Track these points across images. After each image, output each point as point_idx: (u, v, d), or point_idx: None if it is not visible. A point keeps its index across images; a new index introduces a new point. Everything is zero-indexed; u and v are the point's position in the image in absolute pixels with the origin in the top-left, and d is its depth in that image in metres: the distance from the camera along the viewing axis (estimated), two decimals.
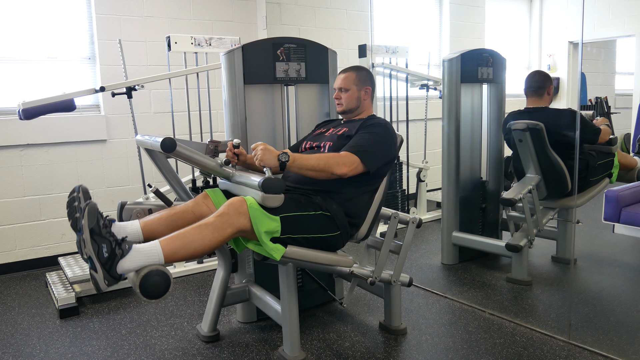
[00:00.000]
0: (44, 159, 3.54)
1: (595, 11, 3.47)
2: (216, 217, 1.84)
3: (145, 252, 1.73)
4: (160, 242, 1.76)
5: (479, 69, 3.25)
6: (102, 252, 1.67)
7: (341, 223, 2.09)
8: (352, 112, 2.35)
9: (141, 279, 1.67)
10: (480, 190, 3.42)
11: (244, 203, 1.87)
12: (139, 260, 1.71)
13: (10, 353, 2.37)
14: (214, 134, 3.78)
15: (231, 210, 1.84)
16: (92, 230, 1.68)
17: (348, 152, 2.09)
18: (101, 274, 1.67)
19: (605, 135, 3.05)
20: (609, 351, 2.19)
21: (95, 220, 1.69)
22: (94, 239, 1.67)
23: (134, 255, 1.71)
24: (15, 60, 3.48)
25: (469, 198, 3.37)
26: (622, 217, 2.83)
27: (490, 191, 3.44)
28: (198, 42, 3.30)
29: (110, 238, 1.70)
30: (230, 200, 1.89)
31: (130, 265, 1.70)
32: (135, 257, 1.71)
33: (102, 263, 1.67)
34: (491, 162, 3.44)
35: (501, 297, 2.85)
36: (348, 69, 2.36)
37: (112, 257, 1.68)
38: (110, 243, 1.69)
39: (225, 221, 1.83)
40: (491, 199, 3.44)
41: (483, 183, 3.42)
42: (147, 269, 1.69)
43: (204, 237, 1.81)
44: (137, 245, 1.74)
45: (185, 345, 2.39)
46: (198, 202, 2.11)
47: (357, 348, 2.32)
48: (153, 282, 1.68)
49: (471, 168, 3.39)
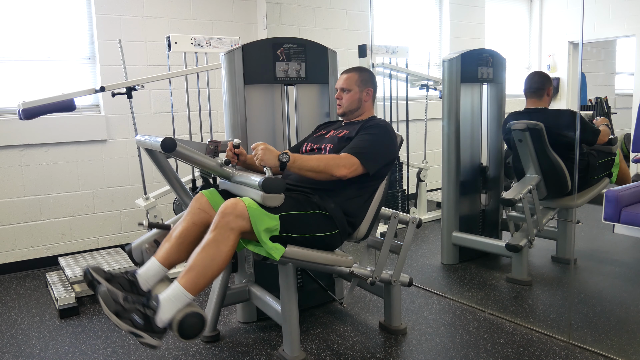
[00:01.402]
0: (44, 159, 3.54)
1: (595, 11, 3.47)
2: (214, 231, 1.83)
3: (172, 298, 1.77)
4: (179, 282, 1.79)
5: (479, 69, 3.25)
6: (137, 322, 1.73)
7: (339, 222, 2.09)
8: (353, 114, 2.35)
9: (178, 327, 1.74)
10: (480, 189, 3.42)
11: (237, 205, 1.85)
12: (171, 309, 1.75)
13: (10, 353, 2.37)
14: (214, 134, 3.79)
15: (226, 217, 1.83)
16: (117, 313, 1.73)
17: (348, 153, 2.09)
18: (147, 336, 1.74)
19: (605, 136, 3.05)
20: (609, 351, 2.19)
21: (114, 302, 1.75)
22: (122, 317, 1.73)
23: (164, 307, 1.75)
24: (15, 60, 3.48)
25: (469, 198, 3.37)
26: (622, 217, 2.83)
27: (490, 190, 3.44)
28: (198, 42, 3.30)
29: (136, 306, 1.75)
30: (222, 207, 1.86)
31: (166, 316, 1.75)
32: (167, 308, 1.75)
33: (143, 329, 1.73)
34: (491, 162, 3.43)
35: (501, 297, 2.85)
36: (351, 70, 2.36)
37: (146, 319, 1.73)
38: (138, 310, 1.75)
39: (224, 229, 1.82)
40: (491, 198, 3.44)
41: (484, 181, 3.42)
42: (181, 314, 1.75)
43: (213, 257, 1.82)
44: (162, 296, 1.77)
45: (185, 345, 2.39)
46: (194, 212, 2.06)
47: (357, 348, 2.32)
48: (189, 324, 1.75)
49: (471, 168, 3.38)
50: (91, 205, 3.73)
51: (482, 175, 3.41)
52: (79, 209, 3.70)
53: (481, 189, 3.42)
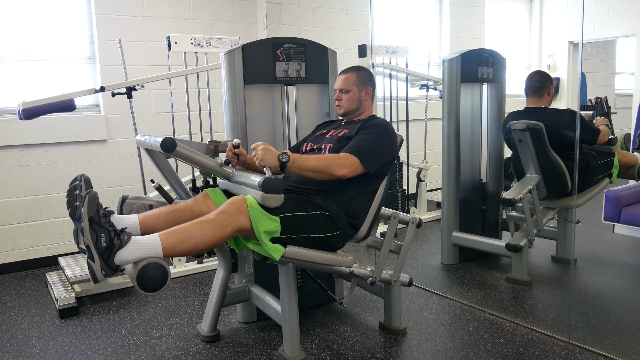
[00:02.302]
0: (44, 159, 3.54)
1: (595, 11, 3.46)
2: (217, 215, 1.84)
3: (144, 244, 1.73)
4: (159, 235, 1.76)
5: (479, 69, 3.25)
6: (101, 241, 1.66)
7: (341, 223, 2.09)
8: (353, 114, 2.35)
9: (139, 271, 1.67)
10: (480, 190, 3.42)
11: (244, 202, 1.87)
12: (137, 252, 1.70)
13: (10, 353, 2.37)
14: (214, 134, 3.78)
15: (232, 209, 1.85)
16: (91, 219, 1.67)
17: (348, 153, 2.09)
18: (98, 263, 1.66)
19: (605, 136, 3.05)
20: (609, 351, 2.19)
21: (95, 209, 1.69)
22: (92, 227, 1.66)
23: (132, 246, 1.70)
24: (15, 60, 3.48)
25: (468, 198, 3.37)
26: (622, 217, 2.83)
27: (490, 191, 3.44)
28: (198, 42, 3.30)
29: (109, 228, 1.69)
30: (232, 198, 1.90)
31: (128, 256, 1.69)
32: (134, 248, 1.70)
33: (100, 253, 1.66)
34: (491, 162, 3.43)
35: (501, 297, 2.85)
36: (348, 70, 2.35)
37: (110, 247, 1.67)
38: (109, 233, 1.68)
39: (226, 219, 1.83)
40: (491, 198, 3.44)
41: (483, 183, 3.42)
42: (145, 261, 1.69)
43: (203, 233, 1.81)
44: (136, 237, 1.74)
45: (185, 345, 2.39)
46: (198, 201, 2.11)
47: (357, 348, 2.32)
48: (150, 274, 1.68)
49: (471, 168, 3.39)
50: None
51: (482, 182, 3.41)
52: None
53: (481, 189, 3.42)
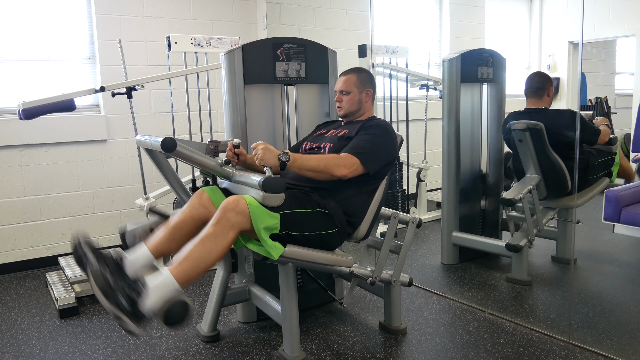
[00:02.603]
0: (44, 159, 3.54)
1: (595, 11, 3.47)
2: (215, 225, 1.82)
3: (160, 285, 1.75)
4: (170, 271, 1.77)
5: (479, 69, 3.25)
6: (122, 304, 1.70)
7: (339, 221, 2.09)
8: (353, 115, 2.36)
9: (163, 317, 1.73)
10: (480, 189, 3.42)
11: (239, 202, 1.85)
12: (157, 296, 1.73)
13: (10, 353, 2.37)
14: (214, 134, 3.79)
15: (227, 213, 1.83)
16: (104, 292, 1.71)
17: (348, 153, 2.09)
18: (129, 322, 1.71)
19: (605, 136, 3.05)
20: (609, 351, 2.19)
21: (103, 281, 1.72)
22: (109, 297, 1.71)
23: (151, 293, 1.73)
24: (15, 60, 3.48)
25: (469, 198, 3.37)
26: (622, 217, 2.83)
27: (490, 190, 3.44)
28: (198, 42, 3.30)
29: (123, 288, 1.73)
30: (224, 203, 1.86)
31: (151, 303, 1.72)
32: (153, 294, 1.73)
33: (127, 314, 1.70)
34: (491, 162, 3.43)
35: (501, 297, 2.85)
36: (349, 71, 2.35)
37: (133, 303, 1.71)
38: (125, 292, 1.72)
39: (224, 226, 1.82)
40: (491, 198, 3.44)
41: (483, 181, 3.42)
42: (166, 304, 1.73)
43: (210, 251, 1.81)
44: (151, 282, 1.75)
45: (185, 345, 2.39)
46: (194, 206, 2.07)
47: (357, 348, 2.32)
48: (174, 313, 1.74)
49: (471, 168, 3.38)
50: (91, 205, 3.73)
51: (482, 182, 3.41)
52: (79, 209, 3.70)
53: (481, 189, 3.42)
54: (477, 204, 3.42)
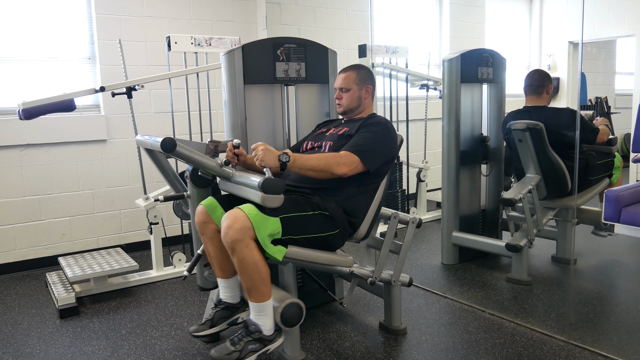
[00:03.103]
0: (44, 159, 3.54)
1: (595, 11, 3.47)
2: (234, 255, 1.89)
3: (260, 312, 1.97)
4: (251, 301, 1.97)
5: (479, 69, 3.25)
6: (256, 347, 1.97)
7: (340, 221, 2.09)
8: (353, 112, 2.35)
9: (282, 323, 2.01)
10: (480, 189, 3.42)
11: (238, 217, 1.86)
12: (267, 318, 1.99)
13: (10, 353, 2.37)
14: (214, 134, 3.79)
15: (232, 235, 1.85)
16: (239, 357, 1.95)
17: (348, 151, 2.09)
18: (272, 346, 2.01)
19: (604, 135, 3.05)
20: (609, 351, 2.19)
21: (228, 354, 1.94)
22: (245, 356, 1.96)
23: (261, 320, 1.98)
24: (15, 60, 3.48)
25: (469, 197, 3.37)
26: (622, 217, 2.82)
27: (490, 190, 3.44)
28: (198, 42, 3.30)
29: (243, 339, 1.97)
30: (223, 227, 1.88)
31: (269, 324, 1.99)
32: (263, 320, 1.98)
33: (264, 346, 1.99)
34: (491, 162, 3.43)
35: (501, 297, 2.85)
36: (348, 68, 2.36)
37: (260, 340, 1.98)
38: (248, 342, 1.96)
39: (239, 246, 1.86)
40: (491, 200, 3.44)
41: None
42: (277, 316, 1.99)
43: (253, 271, 1.90)
44: (252, 316, 1.99)
45: (185, 345, 2.39)
46: (204, 232, 2.18)
47: (357, 348, 2.32)
48: (289, 316, 2.01)
49: (471, 168, 3.38)
50: (91, 205, 3.73)
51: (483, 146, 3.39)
52: (79, 209, 3.70)
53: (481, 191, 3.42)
54: (477, 204, 3.42)
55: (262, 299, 1.95)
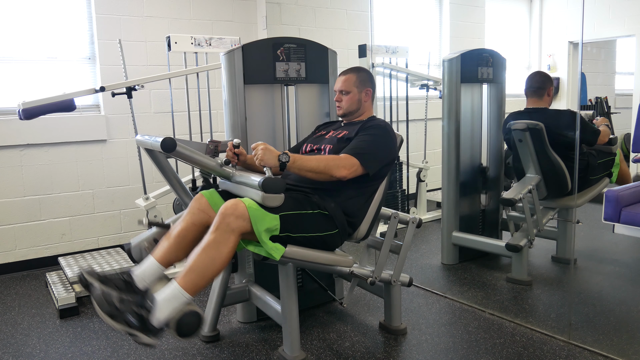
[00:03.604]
0: (44, 159, 3.54)
1: (595, 11, 3.47)
2: (215, 232, 1.82)
3: (170, 298, 1.77)
4: (177, 282, 1.79)
5: (479, 69, 3.25)
6: (132, 322, 1.72)
7: (339, 221, 2.09)
8: (353, 115, 2.35)
9: (175, 327, 1.75)
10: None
11: (238, 206, 1.84)
12: (169, 308, 1.75)
13: (10, 353, 2.37)
14: (214, 134, 3.79)
15: (226, 218, 1.82)
16: (111, 315, 1.72)
17: (348, 154, 2.09)
18: (143, 336, 1.73)
19: (605, 137, 3.05)
20: (609, 351, 2.19)
21: (107, 304, 1.73)
22: (117, 319, 1.72)
23: (162, 306, 1.75)
24: (15, 60, 3.48)
25: (469, 198, 3.37)
26: (622, 217, 2.83)
27: (490, 190, 3.44)
28: (198, 42, 3.30)
29: (131, 306, 1.74)
30: (222, 208, 1.86)
31: (163, 315, 1.75)
32: (165, 307, 1.75)
33: (138, 329, 1.73)
34: (491, 162, 3.43)
35: (501, 297, 2.85)
36: (348, 71, 2.35)
37: (141, 319, 1.73)
38: (132, 311, 1.73)
39: (224, 231, 1.82)
40: (491, 198, 3.44)
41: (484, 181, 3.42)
42: (177, 315, 1.76)
43: (213, 258, 1.81)
44: (159, 296, 1.77)
45: (185, 345, 2.39)
46: (194, 213, 2.06)
47: (357, 348, 2.32)
48: (186, 323, 1.77)
49: (471, 168, 3.38)
50: (91, 205, 3.73)
51: (483, 176, 3.40)
52: (79, 209, 3.70)
53: (481, 189, 3.42)
54: (477, 204, 3.42)
55: (189, 288, 1.78)
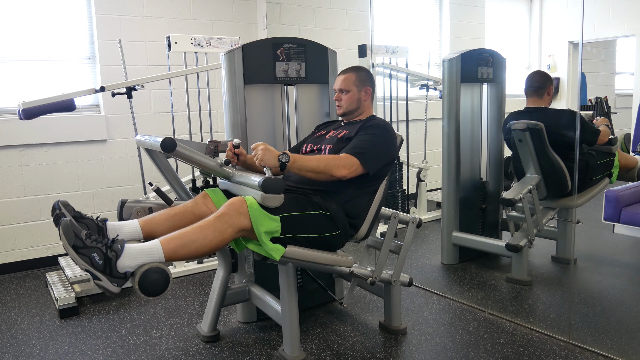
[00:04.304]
0: (44, 159, 3.54)
1: (595, 11, 3.47)
2: (217, 218, 1.84)
3: (145, 250, 1.74)
4: (160, 241, 1.77)
5: (479, 69, 3.25)
6: (96, 261, 1.66)
7: (340, 223, 2.09)
8: (352, 114, 2.35)
9: (140, 276, 1.68)
10: (480, 190, 3.42)
11: (244, 203, 1.87)
12: (139, 258, 1.71)
13: (10, 353, 2.37)
14: (214, 134, 3.78)
15: (231, 211, 1.84)
16: (75, 247, 1.66)
17: (348, 154, 2.09)
18: (105, 279, 1.67)
19: (605, 137, 3.05)
20: (609, 351, 2.19)
21: (74, 235, 1.67)
22: (80, 253, 1.66)
23: (133, 253, 1.71)
24: (15, 60, 3.48)
25: (469, 198, 3.37)
26: (622, 217, 2.83)
27: (490, 191, 3.44)
28: (198, 42, 3.30)
29: (98, 245, 1.69)
30: (231, 200, 1.89)
31: (130, 262, 1.70)
32: (135, 254, 1.71)
33: (100, 270, 1.67)
34: (491, 162, 3.43)
35: (501, 297, 2.85)
36: (348, 70, 2.35)
37: (107, 261, 1.67)
38: (100, 250, 1.68)
39: (226, 221, 1.83)
40: (491, 198, 3.44)
41: (483, 183, 3.42)
42: (146, 266, 1.70)
43: (205, 237, 1.81)
44: (135, 245, 1.74)
45: (185, 345, 2.39)
46: (197, 203, 2.11)
47: (357, 348, 2.32)
48: (152, 279, 1.69)
49: (471, 168, 3.39)
50: (91, 205, 3.73)
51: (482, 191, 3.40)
52: (79, 208, 3.62)
53: (481, 188, 3.42)
54: (477, 204, 3.42)
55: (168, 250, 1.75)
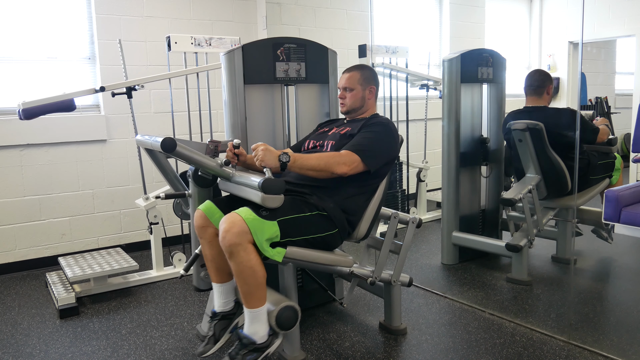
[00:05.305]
0: (44, 159, 3.54)
1: (595, 11, 3.47)
2: (231, 259, 1.87)
3: (253, 320, 1.94)
4: (246, 308, 1.94)
5: (479, 69, 3.25)
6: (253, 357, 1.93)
7: (338, 221, 2.09)
8: (356, 112, 2.35)
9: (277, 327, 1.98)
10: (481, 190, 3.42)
11: (235, 222, 1.85)
12: (260, 326, 1.94)
13: (10, 353, 2.37)
14: (214, 134, 3.79)
15: (230, 239, 1.83)
16: None
17: (349, 150, 2.09)
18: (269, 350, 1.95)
19: (604, 135, 3.05)
20: (609, 351, 2.19)
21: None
22: None
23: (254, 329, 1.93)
24: (15, 60, 3.48)
25: (469, 198, 3.37)
26: (622, 217, 2.82)
27: (490, 191, 3.44)
28: (198, 42, 3.30)
29: (240, 353, 1.91)
30: (221, 232, 1.87)
31: (262, 332, 1.94)
32: (257, 328, 1.94)
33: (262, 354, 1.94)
34: (491, 161, 3.43)
35: (501, 297, 2.85)
36: (352, 68, 2.35)
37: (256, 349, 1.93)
38: (244, 354, 1.91)
39: (236, 250, 1.84)
40: (491, 200, 3.44)
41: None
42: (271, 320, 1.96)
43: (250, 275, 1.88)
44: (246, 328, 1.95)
45: (185, 345, 2.39)
46: (202, 235, 2.14)
47: (357, 348, 2.32)
48: (284, 320, 1.98)
49: (471, 168, 3.38)
50: (91, 205, 3.73)
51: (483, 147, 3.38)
52: (79, 209, 3.70)
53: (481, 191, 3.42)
54: (477, 204, 3.42)
55: (256, 304, 1.92)
